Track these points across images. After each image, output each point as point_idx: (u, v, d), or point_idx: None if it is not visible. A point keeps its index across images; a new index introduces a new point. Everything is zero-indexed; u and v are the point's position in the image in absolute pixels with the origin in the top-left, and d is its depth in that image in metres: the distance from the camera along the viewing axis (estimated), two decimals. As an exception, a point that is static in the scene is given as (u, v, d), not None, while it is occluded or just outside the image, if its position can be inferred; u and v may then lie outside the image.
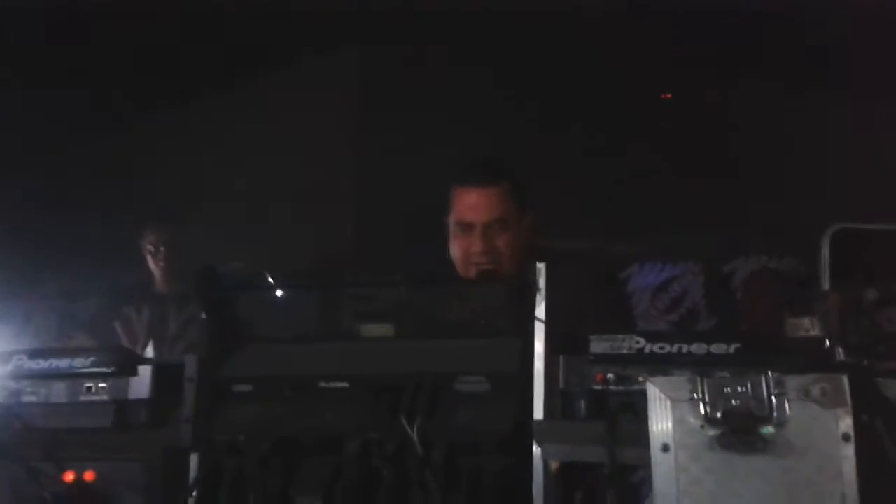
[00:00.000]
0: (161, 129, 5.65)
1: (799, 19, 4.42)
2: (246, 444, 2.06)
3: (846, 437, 1.71)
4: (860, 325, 1.85)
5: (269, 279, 2.25)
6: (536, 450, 1.95)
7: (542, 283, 2.01)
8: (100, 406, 2.22)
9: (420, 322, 2.22)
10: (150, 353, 2.48)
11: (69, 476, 2.16)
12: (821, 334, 1.87)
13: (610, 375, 1.95)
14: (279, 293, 2.29)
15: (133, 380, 2.22)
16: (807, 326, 1.88)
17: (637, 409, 1.87)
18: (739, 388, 1.78)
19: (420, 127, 5.14)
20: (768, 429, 1.75)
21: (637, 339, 1.95)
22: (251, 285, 2.29)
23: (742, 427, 1.75)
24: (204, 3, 4.56)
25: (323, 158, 5.54)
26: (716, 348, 1.91)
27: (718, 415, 1.77)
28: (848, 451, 1.71)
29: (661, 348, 1.93)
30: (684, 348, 1.92)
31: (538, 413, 1.97)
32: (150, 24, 4.69)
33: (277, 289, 2.27)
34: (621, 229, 5.00)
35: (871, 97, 4.63)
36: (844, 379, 1.74)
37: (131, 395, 2.22)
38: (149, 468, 2.17)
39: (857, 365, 1.83)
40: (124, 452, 2.18)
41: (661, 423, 1.79)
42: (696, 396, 1.78)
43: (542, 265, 2.03)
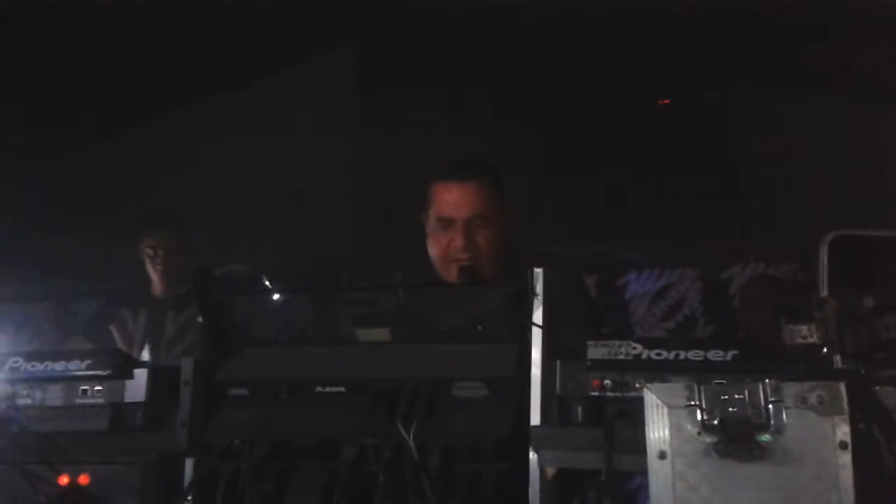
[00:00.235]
0: (161, 130, 5.65)
1: (799, 23, 4.42)
2: (242, 448, 2.06)
3: (843, 445, 1.70)
4: (858, 332, 1.85)
5: (267, 283, 2.25)
6: (533, 456, 1.95)
7: (539, 288, 2.00)
8: (95, 409, 2.22)
9: (417, 327, 2.21)
10: (145, 356, 2.46)
11: (64, 479, 2.16)
12: (818, 341, 1.86)
13: (607, 382, 1.95)
14: (276, 297, 2.29)
15: (129, 383, 2.22)
16: (804, 333, 1.87)
17: (634, 416, 1.86)
18: (737, 396, 1.77)
19: (420, 127, 5.14)
20: (765, 436, 1.74)
21: (634, 345, 1.94)
22: (248, 289, 2.28)
23: (739, 434, 1.74)
24: (204, 4, 4.56)
25: (323, 158, 5.54)
26: (713, 355, 1.90)
27: (716, 422, 1.76)
28: (845, 458, 1.70)
29: (658, 355, 1.93)
30: (681, 355, 1.92)
31: (535, 419, 1.96)
32: (150, 25, 4.69)
33: (274, 293, 2.27)
34: (619, 235, 4.99)
35: (871, 102, 4.62)
36: (842, 386, 1.73)
37: (127, 399, 2.21)
38: (144, 472, 2.16)
39: (855, 372, 1.82)
40: (120, 456, 2.18)
41: (658, 430, 1.78)
42: (694, 403, 1.77)
43: (539, 270, 2.02)
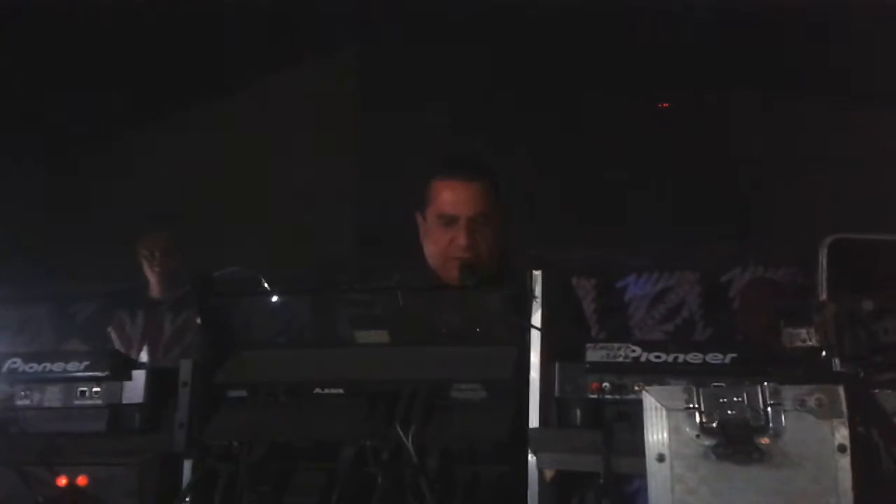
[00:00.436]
0: (161, 130, 5.65)
1: (799, 23, 4.42)
2: (240, 449, 2.05)
3: (842, 448, 1.71)
4: (857, 335, 1.84)
5: (265, 284, 2.24)
6: (531, 458, 1.95)
7: (538, 291, 2.00)
8: (94, 410, 2.22)
9: (415, 329, 2.21)
10: (144, 357, 2.47)
11: (62, 480, 2.15)
12: (817, 345, 1.86)
13: (606, 384, 1.95)
14: (274, 299, 2.28)
15: (127, 384, 2.22)
16: (803, 337, 1.87)
17: (633, 419, 1.86)
18: (735, 398, 1.77)
19: (419, 127, 5.14)
20: (764, 439, 1.74)
21: (633, 348, 1.94)
22: (246, 291, 2.28)
23: (738, 437, 1.74)
24: (204, 4, 4.57)
25: (323, 158, 5.54)
26: (712, 358, 1.90)
27: (714, 425, 1.76)
28: (844, 462, 1.70)
29: (657, 357, 1.93)
30: (680, 358, 1.92)
31: (533, 421, 1.96)
32: (150, 25, 4.69)
33: (273, 294, 2.26)
34: (618, 238, 5.00)
35: (871, 103, 4.62)
36: (841, 390, 1.73)
37: (125, 400, 2.21)
38: (142, 473, 2.15)
39: (854, 375, 1.82)
40: (118, 457, 2.18)
41: (657, 433, 1.78)
42: (692, 406, 1.77)
43: (538, 273, 2.02)
